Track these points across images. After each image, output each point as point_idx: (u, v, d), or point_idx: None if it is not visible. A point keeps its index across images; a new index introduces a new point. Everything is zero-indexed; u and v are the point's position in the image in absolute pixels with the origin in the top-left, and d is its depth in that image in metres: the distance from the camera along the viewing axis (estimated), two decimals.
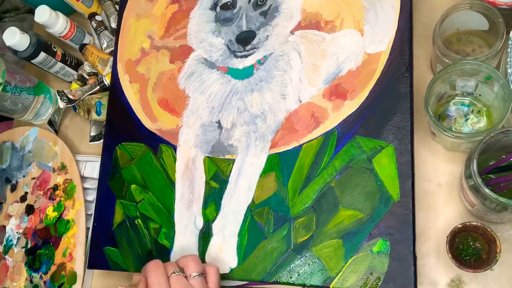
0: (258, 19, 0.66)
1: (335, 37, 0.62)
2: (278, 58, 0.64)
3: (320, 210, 0.58)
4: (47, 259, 0.72)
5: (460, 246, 0.56)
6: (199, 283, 0.49)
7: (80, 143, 0.80)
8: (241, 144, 0.63)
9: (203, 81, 0.66)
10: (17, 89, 0.76)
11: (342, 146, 0.59)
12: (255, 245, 0.59)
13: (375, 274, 0.54)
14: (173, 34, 0.70)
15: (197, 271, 0.50)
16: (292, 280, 0.57)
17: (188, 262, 0.51)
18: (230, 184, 0.62)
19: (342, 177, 0.58)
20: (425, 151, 0.62)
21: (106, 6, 0.82)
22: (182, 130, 0.66)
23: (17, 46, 0.75)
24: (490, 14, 0.55)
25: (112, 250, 0.65)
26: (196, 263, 0.51)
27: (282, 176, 0.60)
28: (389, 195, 0.56)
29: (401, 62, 0.59)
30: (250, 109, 0.63)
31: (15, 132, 0.83)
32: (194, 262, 0.51)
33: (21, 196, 0.78)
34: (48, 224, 0.74)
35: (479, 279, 0.56)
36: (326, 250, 0.57)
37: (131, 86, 0.71)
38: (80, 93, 0.76)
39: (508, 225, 0.57)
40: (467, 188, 0.52)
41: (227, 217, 0.61)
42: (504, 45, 0.54)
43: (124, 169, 0.68)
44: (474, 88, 0.58)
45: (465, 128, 0.59)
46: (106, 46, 0.81)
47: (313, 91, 0.62)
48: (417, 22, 0.65)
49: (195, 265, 0.50)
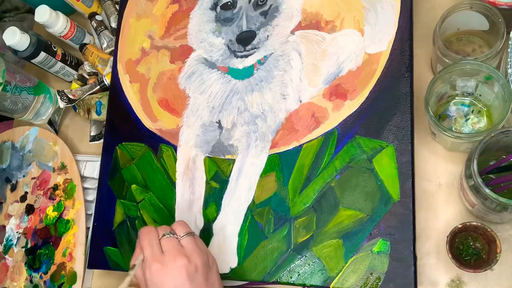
0: (259, 19, 0.66)
1: (335, 37, 0.62)
2: (278, 58, 0.64)
3: (320, 210, 0.58)
4: (47, 259, 0.72)
5: (460, 246, 0.56)
6: (188, 241, 0.51)
7: (80, 143, 0.80)
8: (242, 144, 0.63)
9: (204, 81, 0.66)
10: (17, 88, 0.76)
11: (342, 146, 0.59)
12: (255, 245, 0.59)
13: (375, 274, 0.54)
14: (173, 34, 0.70)
15: (186, 232, 0.52)
16: (292, 280, 0.57)
17: (177, 226, 0.52)
18: (230, 184, 0.62)
19: (342, 177, 0.58)
20: (425, 151, 0.62)
21: (106, 6, 0.82)
22: (183, 130, 0.66)
23: (17, 46, 0.75)
24: (491, 14, 0.55)
25: (112, 250, 0.65)
26: (184, 226, 0.53)
27: (282, 176, 0.60)
28: (389, 195, 0.56)
29: (401, 62, 0.59)
30: (251, 109, 0.63)
31: (15, 132, 0.83)
32: (182, 225, 0.53)
33: (21, 196, 0.78)
34: (48, 224, 0.74)
35: (479, 279, 0.56)
36: (326, 250, 0.57)
37: (131, 86, 0.71)
38: (80, 93, 0.76)
39: (508, 225, 0.57)
40: (467, 188, 0.52)
41: (228, 217, 0.61)
42: (504, 45, 0.54)
43: (125, 169, 0.68)
44: (474, 88, 0.58)
45: (465, 128, 0.59)
46: (106, 46, 0.81)
47: (313, 91, 0.62)
48: (417, 22, 0.65)
49: (183, 227, 0.52)
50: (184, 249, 0.50)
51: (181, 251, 0.49)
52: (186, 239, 0.51)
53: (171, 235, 0.51)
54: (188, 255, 0.49)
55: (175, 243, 0.50)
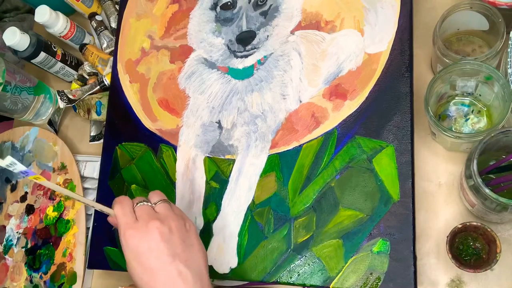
0: (258, 19, 0.66)
1: (335, 37, 0.62)
2: (278, 58, 0.64)
3: (320, 210, 0.58)
4: (47, 259, 0.72)
5: (460, 246, 0.56)
6: (162, 207, 0.50)
7: (80, 143, 0.80)
8: (241, 144, 0.63)
9: (203, 81, 0.66)
10: (17, 89, 0.76)
11: (342, 146, 0.59)
12: (255, 245, 0.59)
13: (375, 274, 0.54)
14: (173, 34, 0.70)
15: (160, 199, 0.51)
16: (292, 280, 0.57)
17: (152, 194, 0.52)
18: (230, 184, 0.62)
19: (342, 177, 0.58)
20: (425, 151, 0.62)
21: (106, 6, 0.82)
22: (182, 130, 0.66)
23: (17, 46, 0.75)
24: (490, 14, 0.55)
25: (112, 250, 0.65)
26: (159, 194, 0.52)
27: (282, 176, 0.60)
28: (389, 195, 0.56)
29: (401, 62, 0.59)
30: (250, 109, 0.63)
31: (15, 132, 0.83)
32: (157, 193, 0.52)
33: (21, 196, 0.78)
34: (48, 224, 0.74)
35: (479, 279, 0.56)
36: (326, 250, 0.57)
37: (131, 86, 0.71)
38: (80, 93, 0.76)
39: (508, 225, 0.57)
40: (467, 188, 0.52)
41: (227, 217, 0.61)
42: (504, 45, 0.54)
43: (125, 169, 0.68)
44: (474, 88, 0.58)
45: (465, 128, 0.59)
46: (106, 46, 0.81)
47: (313, 91, 0.62)
48: (417, 22, 0.65)
49: (158, 195, 0.52)
50: (157, 214, 0.49)
51: (154, 215, 0.49)
52: (160, 205, 0.50)
53: (144, 203, 0.50)
54: (162, 219, 0.48)
55: (148, 209, 0.50)
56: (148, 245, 0.47)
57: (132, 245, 0.48)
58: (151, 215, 0.49)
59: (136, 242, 0.47)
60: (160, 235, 0.47)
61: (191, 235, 0.50)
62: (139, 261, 0.47)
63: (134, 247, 0.47)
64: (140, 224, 0.48)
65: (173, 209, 0.51)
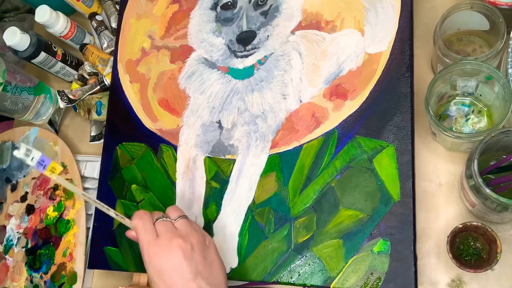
0: (259, 19, 0.66)
1: (335, 37, 0.62)
2: (278, 58, 0.64)
3: (321, 210, 0.58)
4: (47, 259, 0.72)
5: (461, 246, 0.56)
6: (182, 223, 0.51)
7: (80, 143, 0.80)
8: (242, 144, 0.63)
9: (204, 81, 0.66)
10: (17, 89, 0.76)
11: (342, 146, 0.59)
12: (255, 245, 0.59)
13: (376, 274, 0.54)
14: (174, 34, 0.70)
15: (179, 215, 0.52)
16: (293, 280, 0.57)
17: (170, 210, 0.53)
18: (230, 184, 0.62)
19: (343, 177, 0.58)
20: (425, 151, 0.62)
21: (106, 6, 0.82)
22: (183, 130, 0.66)
23: (18, 46, 0.75)
24: (491, 14, 0.55)
25: (112, 250, 0.65)
26: (177, 210, 0.53)
27: (282, 176, 0.60)
28: (389, 195, 0.56)
29: (401, 62, 0.59)
30: (251, 109, 0.63)
31: (15, 132, 0.83)
32: (175, 209, 0.53)
33: (22, 196, 0.78)
34: (48, 224, 0.74)
35: (480, 279, 0.56)
36: (326, 250, 0.57)
37: (132, 86, 0.71)
38: (80, 93, 0.76)
39: (508, 225, 0.57)
40: (468, 188, 0.52)
41: (228, 217, 0.61)
42: (504, 45, 0.54)
43: (125, 169, 0.68)
44: (474, 88, 0.58)
45: (466, 128, 0.59)
46: (107, 46, 0.81)
47: (313, 91, 0.62)
48: (418, 22, 0.65)
49: (176, 211, 0.53)
50: (178, 231, 0.50)
51: (176, 232, 0.49)
52: (180, 221, 0.51)
53: (164, 219, 0.51)
54: (183, 236, 0.49)
55: (169, 225, 0.50)
56: (171, 264, 0.48)
57: (155, 263, 0.48)
58: (173, 232, 0.49)
59: (159, 260, 0.48)
60: (183, 253, 0.48)
61: (211, 251, 0.51)
62: (162, 278, 0.48)
63: (158, 265, 0.48)
64: (162, 241, 0.49)
65: (193, 225, 0.52)
